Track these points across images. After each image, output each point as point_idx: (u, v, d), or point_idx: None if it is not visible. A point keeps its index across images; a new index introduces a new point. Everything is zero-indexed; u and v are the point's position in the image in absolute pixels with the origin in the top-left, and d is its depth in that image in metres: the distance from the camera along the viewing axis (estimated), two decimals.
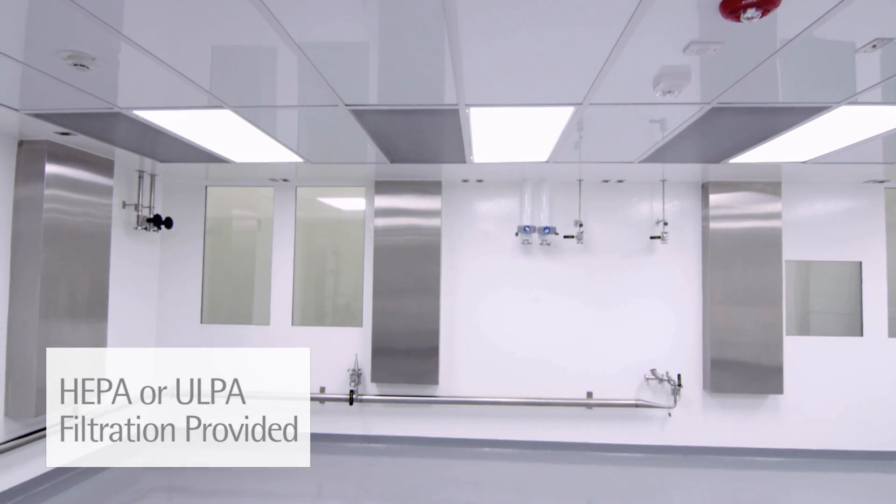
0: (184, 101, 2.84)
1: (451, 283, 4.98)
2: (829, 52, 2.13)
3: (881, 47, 2.05)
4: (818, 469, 4.53)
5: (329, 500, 3.79)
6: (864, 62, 2.21)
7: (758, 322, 4.66)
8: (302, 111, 3.01)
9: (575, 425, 4.87)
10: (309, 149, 3.84)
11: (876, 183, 4.79)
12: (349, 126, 3.20)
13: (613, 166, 4.25)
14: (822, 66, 2.27)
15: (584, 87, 2.51)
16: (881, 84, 2.43)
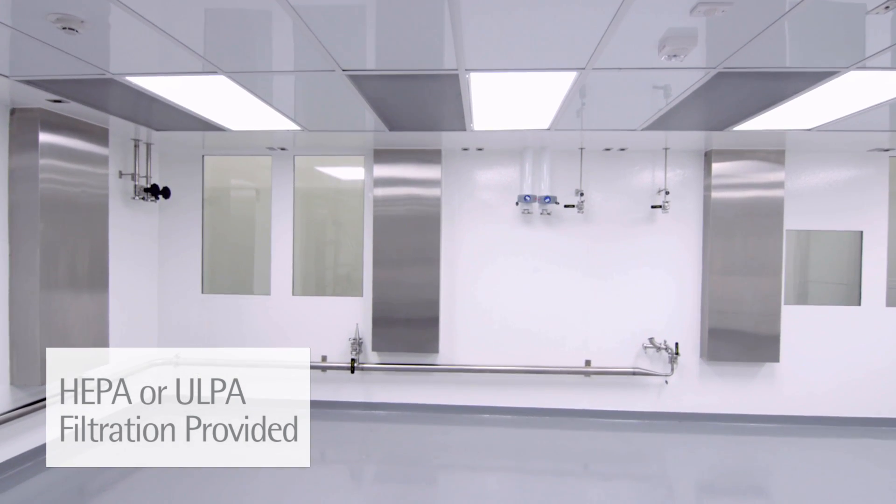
0: (177, 67, 2.77)
1: (450, 253, 4.98)
2: (840, 13, 2.06)
3: (894, 8, 1.98)
4: (813, 435, 4.62)
5: (331, 465, 3.88)
6: (874, 24, 2.14)
7: (756, 292, 4.67)
8: (298, 77, 2.94)
9: (573, 392, 4.95)
10: (306, 116, 3.78)
11: (881, 151, 4.73)
12: (347, 92, 3.14)
13: (616, 134, 4.19)
14: (832, 29, 2.21)
15: (588, 52, 2.45)
16: (891, 48, 2.37)
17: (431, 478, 3.69)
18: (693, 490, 3.62)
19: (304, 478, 3.63)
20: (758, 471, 3.90)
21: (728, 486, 3.66)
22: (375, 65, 2.70)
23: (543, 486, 3.57)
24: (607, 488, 3.56)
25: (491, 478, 3.70)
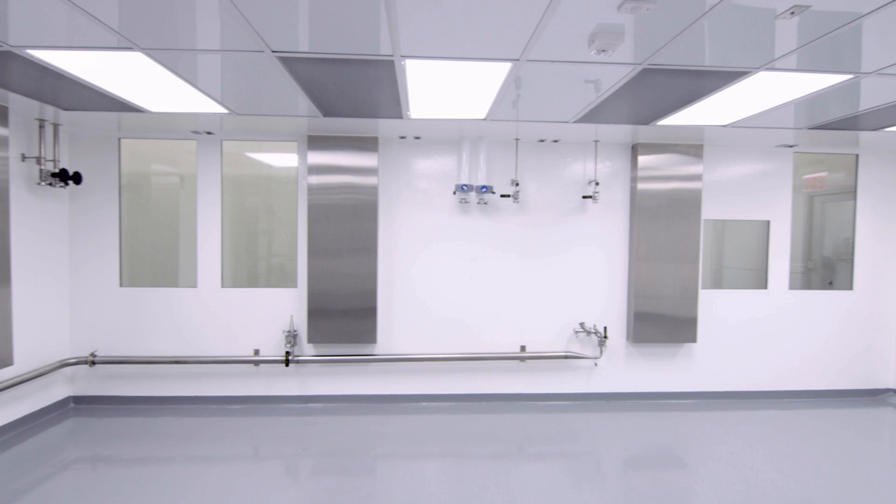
0: (87, 41, 2.55)
1: (388, 243, 4.94)
2: (752, 17, 2.21)
3: (799, 14, 2.15)
4: (726, 409, 5.01)
5: (266, 461, 3.77)
6: (782, 29, 2.32)
7: (677, 277, 4.98)
8: (225, 57, 2.79)
9: (509, 377, 5.08)
10: (234, 99, 3.59)
11: (786, 147, 5.17)
12: (278, 75, 3.01)
13: (549, 126, 4.30)
14: (745, 32, 2.37)
15: (522, 43, 2.49)
16: (797, 51, 2.57)
17: (370, 468, 3.68)
18: (620, 464, 3.83)
19: (238, 475, 3.51)
20: (677, 444, 4.19)
21: (651, 458, 3.91)
22: (309, 47, 2.60)
23: (480, 468, 3.65)
24: (540, 467, 3.70)
25: (429, 464, 3.73)
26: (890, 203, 5.38)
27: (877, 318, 5.40)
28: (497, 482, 3.46)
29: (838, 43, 2.47)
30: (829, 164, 5.40)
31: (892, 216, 5.39)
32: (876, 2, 2.04)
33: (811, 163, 5.38)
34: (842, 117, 3.92)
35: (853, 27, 2.28)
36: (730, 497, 3.31)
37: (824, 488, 3.43)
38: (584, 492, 3.36)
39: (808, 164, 5.38)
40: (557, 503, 3.20)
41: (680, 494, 3.35)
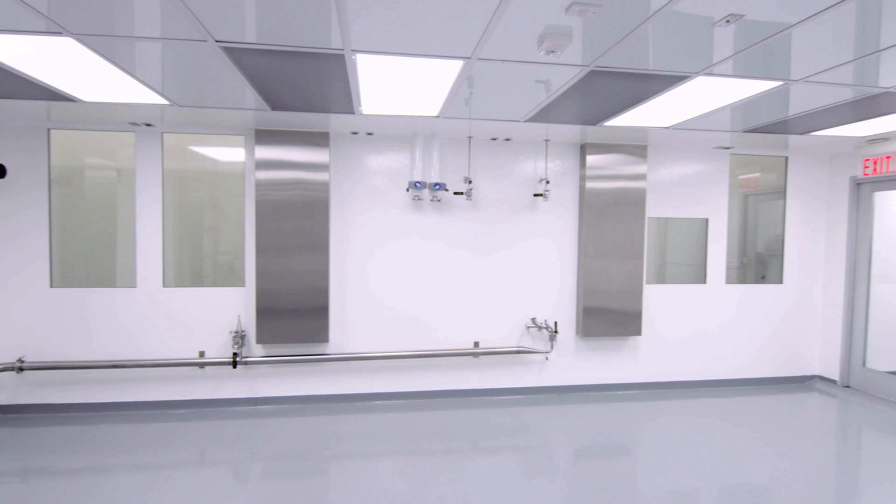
0: (11, 24, 2.36)
1: (340, 240, 4.87)
2: (692, 24, 2.31)
3: (734, 23, 2.26)
4: (669, 398, 5.25)
5: (213, 467, 3.63)
6: (719, 36, 2.44)
7: (623, 273, 5.17)
8: (166, 45, 2.66)
9: (463, 373, 5.12)
10: (176, 90, 3.43)
11: (723, 149, 5.45)
12: (222, 66, 2.90)
13: (501, 124, 4.34)
14: (686, 38, 2.47)
15: (473, 41, 2.50)
16: (732, 58, 2.71)
17: (323, 469, 3.62)
18: (570, 454, 3.94)
19: (183, 482, 3.37)
20: (624, 433, 4.35)
21: (599, 448, 4.04)
22: (255, 38, 2.52)
23: (434, 464, 3.66)
24: (494, 461, 3.75)
25: (383, 462, 3.71)
26: (815, 202, 5.78)
27: (804, 309, 5.80)
28: (451, 477, 3.49)
29: (770, 51, 2.62)
30: (762, 165, 5.73)
31: (816, 215, 5.79)
32: (802, 13, 2.18)
33: (746, 164, 5.70)
34: (773, 121, 4.17)
35: (783, 36, 2.42)
36: (672, 481, 3.46)
37: (759, 469, 3.65)
38: (536, 482, 3.43)
39: (743, 165, 5.69)
40: (510, 495, 3.26)
41: (626, 481, 3.48)
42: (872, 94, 3.36)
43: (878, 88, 3.23)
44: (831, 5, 2.09)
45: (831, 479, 3.55)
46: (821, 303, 5.84)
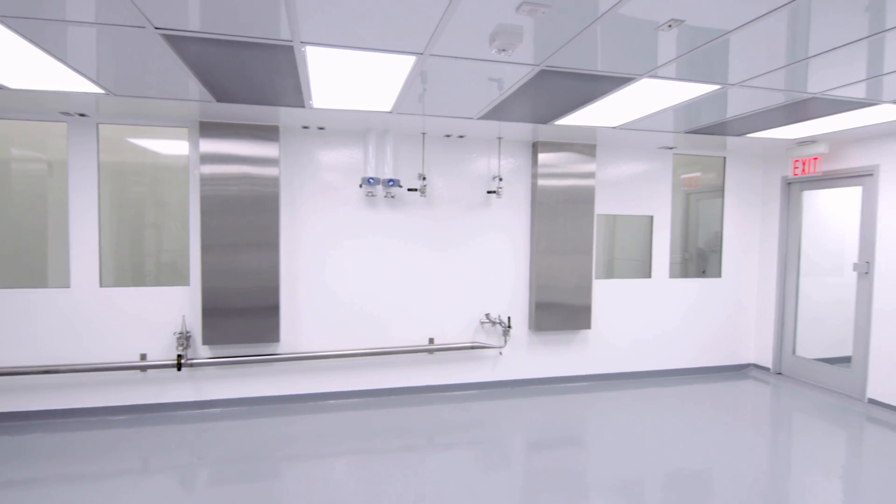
0: None
1: (292, 237, 4.75)
2: (637, 27, 2.39)
3: (676, 27, 2.36)
4: (616, 389, 5.43)
5: (156, 475, 3.48)
6: (663, 40, 2.53)
7: (573, 268, 5.30)
8: (101, 31, 2.50)
9: (418, 370, 5.12)
10: (113, 78, 3.25)
11: (667, 149, 5.67)
12: (163, 55, 2.77)
13: (455, 121, 4.36)
14: (631, 40, 2.55)
15: (425, 37, 2.49)
16: (675, 61, 2.82)
17: (274, 472, 3.53)
18: (524, 447, 4.01)
19: (124, 491, 3.21)
20: (575, 423, 4.47)
21: (552, 439, 4.13)
22: (199, 27, 2.41)
23: (389, 462, 3.65)
24: (449, 456, 3.77)
25: (337, 462, 3.66)
26: (750, 201, 6.12)
27: (740, 301, 6.13)
28: (406, 474, 3.48)
29: (709, 56, 2.74)
30: (702, 165, 6.01)
31: (752, 212, 6.13)
32: (738, 21, 2.29)
33: (688, 164, 5.96)
34: (712, 123, 4.38)
35: (721, 42, 2.54)
36: (621, 469, 3.59)
37: (699, 454, 3.84)
38: (491, 476, 3.48)
39: (685, 164, 5.95)
40: (466, 489, 3.29)
41: (578, 470, 3.58)
42: (802, 99, 3.58)
43: (807, 94, 3.44)
44: (764, 14, 2.21)
45: (765, 461, 3.78)
46: (755, 295, 6.20)
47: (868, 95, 3.46)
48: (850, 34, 2.43)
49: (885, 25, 2.32)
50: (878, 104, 3.68)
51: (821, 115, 4.05)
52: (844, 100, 3.57)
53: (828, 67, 2.91)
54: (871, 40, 2.50)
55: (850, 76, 3.06)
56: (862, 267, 5.10)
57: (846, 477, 3.57)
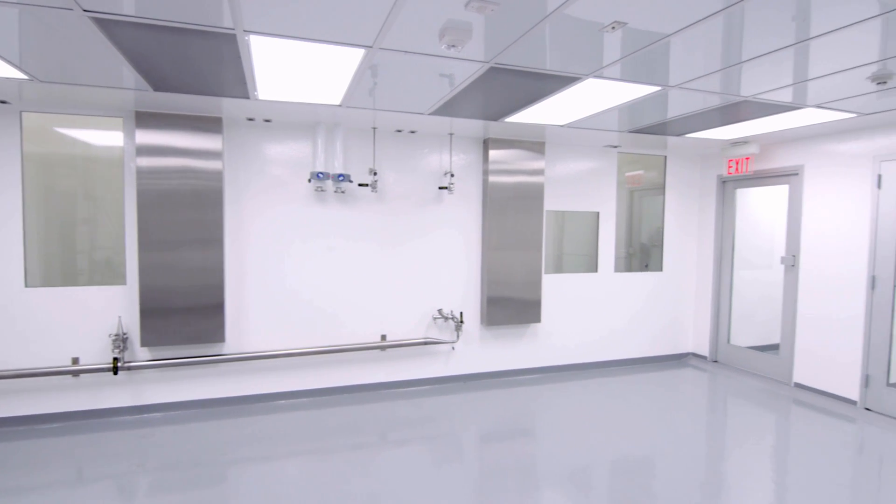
0: None
1: (237, 233, 4.59)
2: (583, 28, 2.44)
3: (619, 29, 2.43)
4: (565, 380, 5.58)
5: (92, 485, 3.28)
6: (608, 41, 2.60)
7: (524, 263, 5.40)
8: (24, 11, 2.32)
9: (370, 367, 5.08)
10: (38, 63, 3.02)
11: (612, 148, 5.86)
12: (93, 39, 2.60)
13: (406, 116, 4.33)
14: (578, 41, 2.61)
15: (374, 30, 2.45)
16: (619, 62, 2.91)
17: (220, 476, 3.41)
18: (476, 440, 4.06)
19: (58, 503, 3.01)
20: (527, 415, 4.56)
21: (504, 431, 4.20)
22: (133, 10, 2.27)
23: (341, 461, 3.60)
24: (402, 452, 3.77)
25: (288, 463, 3.58)
26: (689, 198, 6.42)
27: (680, 294, 6.43)
28: (359, 473, 3.45)
29: (651, 58, 2.84)
30: (645, 163, 6.25)
31: (690, 209, 6.44)
32: (677, 25, 2.39)
33: (631, 162, 6.18)
34: (654, 123, 4.55)
35: (662, 45, 2.64)
36: (569, 458, 3.70)
37: (644, 439, 4.01)
38: (444, 469, 3.50)
39: (629, 163, 6.17)
40: (419, 484, 3.29)
41: (529, 460, 3.66)
42: (735, 102, 3.78)
43: (740, 97, 3.64)
44: (701, 19, 2.31)
45: (703, 443, 3.99)
46: (694, 288, 6.52)
47: (794, 99, 3.70)
48: (779, 41, 2.58)
49: (810, 34, 2.48)
50: (803, 108, 3.93)
51: (752, 118, 4.29)
52: (773, 103, 3.80)
53: (759, 72, 3.08)
54: (796, 48, 2.66)
55: (779, 81, 3.26)
56: (789, 260, 5.46)
57: (776, 455, 3.82)
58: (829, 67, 2.98)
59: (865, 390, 4.75)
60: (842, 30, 2.41)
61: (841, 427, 4.35)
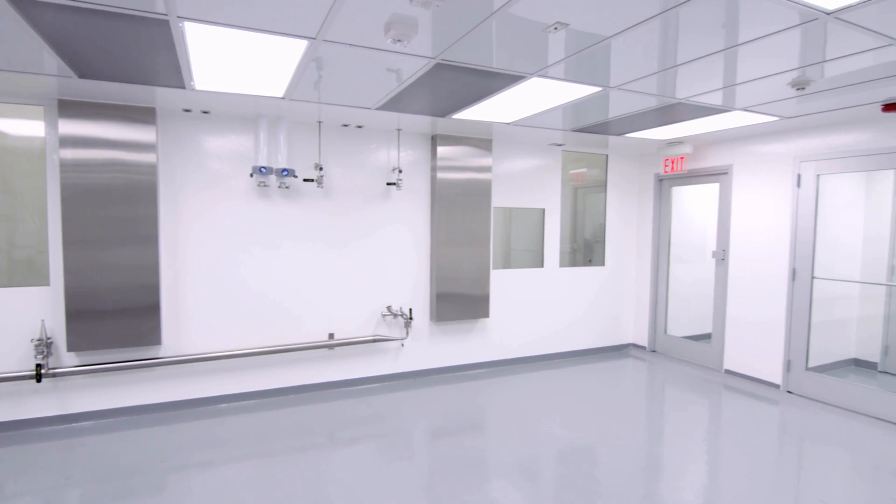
0: None
1: (173, 229, 4.37)
2: (527, 27, 2.48)
3: (562, 30, 2.48)
4: (513, 373, 5.69)
5: (14, 501, 3.04)
6: (552, 42, 2.66)
7: (472, 259, 5.45)
8: None
9: (318, 366, 4.98)
10: None
11: (556, 146, 6.00)
12: (10, 22, 2.39)
13: (352, 111, 4.26)
14: (523, 40, 2.65)
15: (317, 21, 2.39)
16: (563, 62, 2.98)
17: (158, 485, 3.25)
18: (427, 436, 4.06)
19: None
20: (476, 409, 4.61)
21: (454, 426, 4.23)
22: None
23: (289, 464, 3.51)
24: (351, 452, 3.72)
25: (231, 469, 3.45)
26: (629, 195, 6.68)
27: (621, 288, 6.69)
28: (307, 474, 3.38)
29: (593, 59, 2.93)
30: (588, 161, 6.45)
31: (630, 206, 6.70)
32: (616, 28, 2.47)
33: (575, 160, 6.36)
34: (596, 122, 4.70)
35: (603, 46, 2.73)
36: (518, 449, 3.77)
37: (588, 427, 4.14)
38: (395, 467, 3.48)
39: (574, 161, 6.35)
40: (369, 483, 3.26)
41: (480, 453, 3.70)
42: (671, 104, 3.96)
43: (675, 99, 3.82)
44: (639, 22, 2.40)
45: (643, 429, 4.17)
46: (634, 281, 6.80)
47: (724, 103, 3.92)
48: (710, 46, 2.73)
49: (738, 41, 2.63)
50: (731, 111, 4.17)
51: (686, 119, 4.52)
52: (705, 106, 4.01)
53: (692, 76, 3.24)
54: (726, 53, 2.82)
55: (710, 84, 3.44)
56: (719, 254, 5.79)
57: (708, 438, 4.05)
58: (755, 73, 3.17)
59: (787, 375, 5.12)
60: (766, 38, 2.57)
61: (766, 409, 4.67)
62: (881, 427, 4.26)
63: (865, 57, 2.84)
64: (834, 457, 3.74)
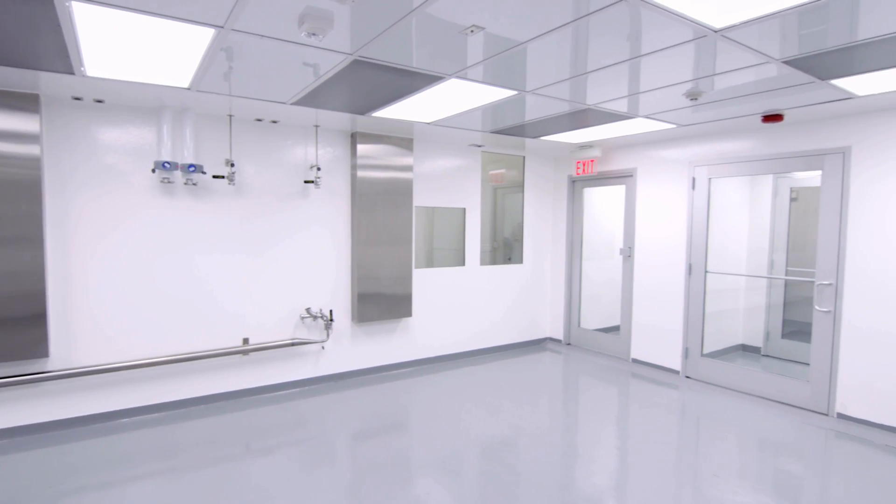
0: None
1: (63, 230, 3.96)
2: (444, 28, 2.50)
3: (478, 33, 2.53)
4: (437, 371, 5.73)
5: None
6: (470, 44, 2.70)
7: (394, 259, 5.42)
8: None
9: (231, 373, 4.73)
10: None
11: (476, 146, 6.12)
12: None
13: (266, 105, 4.08)
14: (441, 40, 2.67)
15: (225, 9, 2.27)
16: (481, 64, 3.03)
17: None
18: (349, 439, 3.99)
19: None
20: (400, 409, 4.59)
21: (378, 428, 4.19)
22: None
23: (200, 478, 3.30)
24: (269, 461, 3.57)
25: (133, 489, 3.19)
26: (545, 195, 6.96)
27: (538, 284, 6.96)
28: (220, 488, 3.19)
29: (509, 63, 3.01)
30: (507, 163, 6.64)
31: (546, 206, 6.98)
32: (530, 34, 2.56)
33: (495, 161, 6.52)
34: (513, 125, 4.84)
35: (518, 51, 2.81)
36: (441, 447, 3.80)
37: (508, 419, 4.26)
38: (316, 473, 3.38)
39: (493, 161, 6.50)
40: (289, 491, 3.14)
41: (403, 453, 3.69)
42: (581, 109, 4.17)
43: (585, 105, 4.02)
44: (551, 29, 2.50)
45: (560, 418, 4.36)
46: (550, 278, 7.09)
47: (628, 110, 4.18)
48: (616, 56, 2.90)
49: (641, 52, 2.81)
50: (635, 118, 4.47)
51: (596, 124, 4.77)
52: (612, 112, 4.26)
53: (600, 84, 3.43)
54: (630, 63, 3.01)
55: (616, 92, 3.66)
56: (626, 252, 6.18)
57: (617, 423, 4.31)
58: (655, 83, 3.42)
59: (686, 361, 5.57)
60: (664, 50, 2.77)
61: (667, 394, 5.05)
62: (764, 405, 4.76)
63: (748, 72, 3.15)
64: (725, 434, 4.12)
